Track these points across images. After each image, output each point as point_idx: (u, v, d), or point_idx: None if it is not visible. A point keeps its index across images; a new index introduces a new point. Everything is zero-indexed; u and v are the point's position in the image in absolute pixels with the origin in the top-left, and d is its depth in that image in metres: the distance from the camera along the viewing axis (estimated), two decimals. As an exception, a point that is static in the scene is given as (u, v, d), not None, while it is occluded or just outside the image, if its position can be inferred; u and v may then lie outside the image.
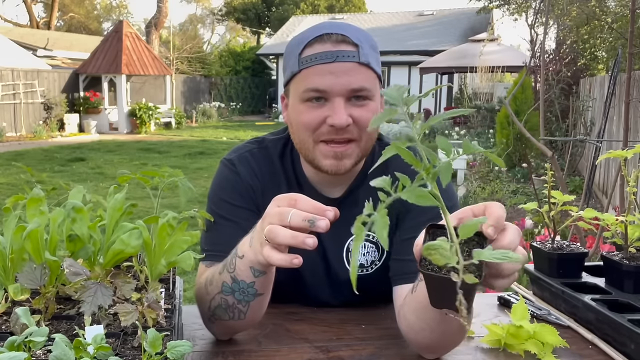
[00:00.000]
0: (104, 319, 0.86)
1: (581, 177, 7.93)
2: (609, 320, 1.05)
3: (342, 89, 1.05)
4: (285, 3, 36.83)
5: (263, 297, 1.00)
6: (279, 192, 1.18)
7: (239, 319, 1.01)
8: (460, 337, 0.98)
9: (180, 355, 0.74)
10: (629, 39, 2.76)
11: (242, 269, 0.95)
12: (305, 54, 1.07)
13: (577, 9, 7.28)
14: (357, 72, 1.05)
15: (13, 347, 0.70)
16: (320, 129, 1.07)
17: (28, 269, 0.89)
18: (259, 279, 0.95)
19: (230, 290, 0.98)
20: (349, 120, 1.05)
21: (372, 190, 1.19)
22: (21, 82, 14.86)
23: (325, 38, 1.06)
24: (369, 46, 1.08)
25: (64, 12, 39.30)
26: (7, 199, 0.99)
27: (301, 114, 1.09)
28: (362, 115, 1.06)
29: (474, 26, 22.38)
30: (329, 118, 1.06)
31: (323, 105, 1.07)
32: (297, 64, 1.07)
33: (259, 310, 1.02)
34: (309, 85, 1.06)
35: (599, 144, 3.11)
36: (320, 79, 1.05)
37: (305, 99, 1.08)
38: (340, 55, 1.04)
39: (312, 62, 1.05)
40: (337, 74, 1.04)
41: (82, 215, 0.97)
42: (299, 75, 1.08)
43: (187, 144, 14.11)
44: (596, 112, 8.04)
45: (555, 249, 1.26)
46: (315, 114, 1.07)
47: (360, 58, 1.05)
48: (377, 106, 1.10)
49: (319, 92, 1.06)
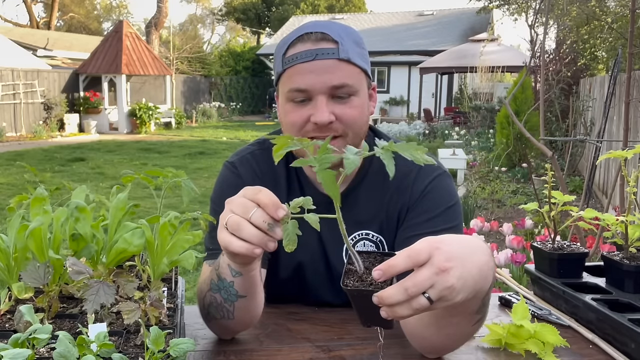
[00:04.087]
0: (106, 317, 0.86)
1: (581, 177, 7.93)
2: (610, 320, 1.05)
3: (322, 86, 1.06)
4: (285, 3, 36.83)
5: (247, 300, 0.98)
6: (279, 191, 1.19)
7: (229, 319, 1.01)
8: (465, 339, 0.98)
9: (183, 353, 0.74)
10: (629, 39, 2.77)
11: (224, 266, 0.95)
12: (288, 54, 1.09)
13: (577, 9, 7.28)
14: (338, 69, 1.07)
15: (17, 344, 0.70)
16: (306, 127, 1.09)
17: (32, 268, 0.89)
18: (237, 280, 0.95)
19: (217, 288, 0.99)
20: (331, 117, 1.07)
21: (372, 188, 1.20)
22: (21, 82, 14.85)
23: (306, 37, 1.08)
24: (351, 41, 1.09)
25: (64, 12, 39.30)
26: (8, 198, 1.00)
27: (287, 114, 1.12)
28: (345, 112, 1.08)
29: (474, 26, 22.38)
30: (312, 116, 1.08)
31: (307, 104, 1.09)
32: (282, 64, 1.10)
33: (246, 313, 1.01)
34: (292, 85, 1.08)
35: (599, 144, 3.11)
36: (301, 78, 1.07)
37: (289, 99, 1.10)
38: (319, 53, 1.06)
39: (294, 61, 1.07)
40: (317, 72, 1.06)
41: (85, 215, 0.98)
42: (283, 75, 1.11)
43: (187, 144, 14.11)
44: (596, 112, 8.04)
45: (555, 249, 1.27)
46: (299, 113, 1.09)
47: (340, 54, 1.06)
48: (362, 101, 1.11)
49: (301, 91, 1.08)
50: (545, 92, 6.32)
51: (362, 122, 1.12)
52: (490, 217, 5.88)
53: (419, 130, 14.89)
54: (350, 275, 0.74)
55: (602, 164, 6.89)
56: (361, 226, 1.20)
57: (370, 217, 1.20)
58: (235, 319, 1.01)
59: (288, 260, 1.23)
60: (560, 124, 8.56)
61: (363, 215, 1.20)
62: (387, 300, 0.70)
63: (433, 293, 0.70)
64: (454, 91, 21.18)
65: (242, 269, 0.93)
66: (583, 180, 6.70)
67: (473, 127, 13.83)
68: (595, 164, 2.96)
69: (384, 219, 1.20)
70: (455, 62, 16.03)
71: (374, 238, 1.21)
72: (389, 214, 1.19)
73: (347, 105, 1.08)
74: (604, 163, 6.81)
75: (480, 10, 18.18)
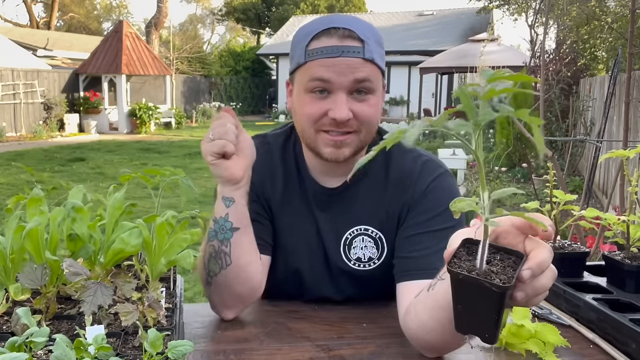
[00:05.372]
0: (104, 318, 0.86)
1: (581, 177, 7.93)
2: (611, 320, 1.05)
3: (345, 81, 1.07)
4: (285, 3, 36.81)
5: (240, 233, 1.08)
6: (275, 184, 1.23)
7: (227, 265, 1.08)
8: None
9: (182, 355, 0.74)
10: (629, 39, 2.76)
11: (219, 205, 1.08)
12: (311, 47, 1.09)
13: (577, 9, 7.28)
14: (361, 68, 1.08)
15: (14, 347, 0.70)
16: (322, 120, 1.11)
17: (29, 269, 0.89)
18: (231, 210, 1.07)
19: (214, 234, 1.08)
20: (350, 115, 1.09)
21: (373, 185, 1.20)
22: (21, 82, 14.85)
23: (332, 32, 1.08)
24: (374, 41, 1.11)
25: (64, 12, 39.29)
26: (7, 199, 0.99)
27: (305, 105, 1.12)
28: (362, 110, 1.10)
29: (474, 26, 22.37)
30: (330, 111, 1.09)
31: (326, 98, 1.10)
32: (304, 56, 1.10)
33: (241, 252, 1.09)
34: (313, 75, 1.09)
35: (599, 144, 3.10)
36: (325, 70, 1.08)
37: (309, 90, 1.10)
38: (345, 51, 1.07)
39: (318, 55, 1.08)
40: (341, 68, 1.07)
41: (82, 215, 0.97)
42: (304, 67, 1.11)
43: (187, 144, 14.11)
44: (596, 112, 8.04)
45: (556, 248, 1.26)
46: (317, 106, 1.10)
47: (365, 54, 1.08)
48: (377, 100, 1.13)
49: (323, 81, 1.08)
50: (545, 92, 6.31)
51: (376, 121, 1.15)
52: (491, 217, 5.87)
53: (419, 130, 14.80)
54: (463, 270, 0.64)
55: (602, 164, 6.89)
56: (360, 221, 1.21)
57: (370, 213, 1.20)
58: (232, 264, 1.08)
59: (286, 255, 1.24)
60: (560, 124, 8.55)
61: (363, 210, 1.21)
62: (544, 263, 0.66)
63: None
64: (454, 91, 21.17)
65: (233, 193, 1.07)
66: (583, 180, 6.69)
67: (473, 127, 13.80)
68: (596, 164, 2.96)
69: (384, 216, 1.20)
70: (455, 62, 16.00)
71: (374, 234, 1.20)
72: (389, 212, 1.19)
73: (364, 103, 1.10)
74: (604, 163, 6.81)
75: (480, 11, 18.18)
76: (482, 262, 0.64)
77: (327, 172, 1.22)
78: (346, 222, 1.21)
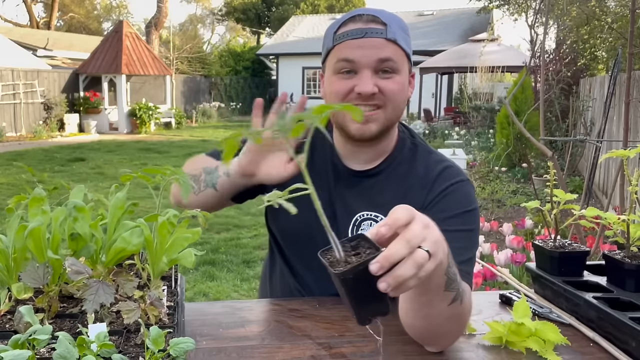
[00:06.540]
0: (106, 316, 0.86)
1: (581, 177, 7.93)
2: (611, 318, 1.05)
3: (369, 60, 1.14)
4: (285, 3, 36.82)
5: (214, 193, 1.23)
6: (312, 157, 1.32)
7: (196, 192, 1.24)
8: (454, 327, 0.98)
9: (183, 352, 0.74)
10: (629, 39, 2.76)
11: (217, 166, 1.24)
12: (339, 32, 1.19)
13: (577, 9, 7.28)
14: (385, 48, 1.15)
15: (17, 345, 0.70)
16: (349, 97, 1.17)
17: (31, 268, 0.89)
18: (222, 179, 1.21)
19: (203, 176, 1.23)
20: (375, 89, 1.15)
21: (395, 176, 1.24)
22: (21, 82, 14.85)
23: (357, 18, 1.17)
24: (398, 27, 1.17)
25: (64, 12, 39.29)
26: (8, 199, 0.99)
27: (333, 84, 1.19)
28: (387, 85, 1.16)
29: (474, 26, 22.38)
30: (356, 87, 1.15)
31: (352, 77, 1.16)
32: (332, 41, 1.19)
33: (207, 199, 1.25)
34: (340, 56, 1.17)
35: (599, 144, 3.11)
36: (350, 51, 1.15)
37: (337, 71, 1.18)
38: (369, 32, 1.15)
39: (344, 37, 1.16)
40: (365, 47, 1.14)
41: (83, 214, 0.98)
42: (333, 51, 1.19)
43: (187, 144, 14.11)
44: (596, 112, 8.04)
45: (557, 247, 1.27)
46: (344, 83, 1.17)
47: (388, 35, 1.15)
48: (403, 80, 1.19)
49: (349, 62, 1.15)
50: (545, 92, 6.32)
51: (402, 99, 1.19)
52: (490, 217, 5.89)
53: (419, 130, 14.87)
54: (335, 265, 0.71)
55: (602, 164, 6.89)
56: (373, 207, 1.23)
57: (385, 202, 1.21)
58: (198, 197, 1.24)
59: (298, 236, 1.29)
60: (560, 124, 8.56)
61: (379, 198, 1.23)
62: (394, 255, 0.69)
63: (428, 245, 0.72)
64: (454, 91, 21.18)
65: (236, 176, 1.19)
66: (583, 180, 6.70)
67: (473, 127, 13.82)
68: (597, 164, 2.96)
69: None
70: (455, 62, 16.03)
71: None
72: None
73: (390, 80, 1.16)
74: (604, 163, 6.81)
75: (480, 11, 18.17)
76: (339, 253, 0.71)
77: (353, 156, 1.27)
78: (361, 204, 1.25)
